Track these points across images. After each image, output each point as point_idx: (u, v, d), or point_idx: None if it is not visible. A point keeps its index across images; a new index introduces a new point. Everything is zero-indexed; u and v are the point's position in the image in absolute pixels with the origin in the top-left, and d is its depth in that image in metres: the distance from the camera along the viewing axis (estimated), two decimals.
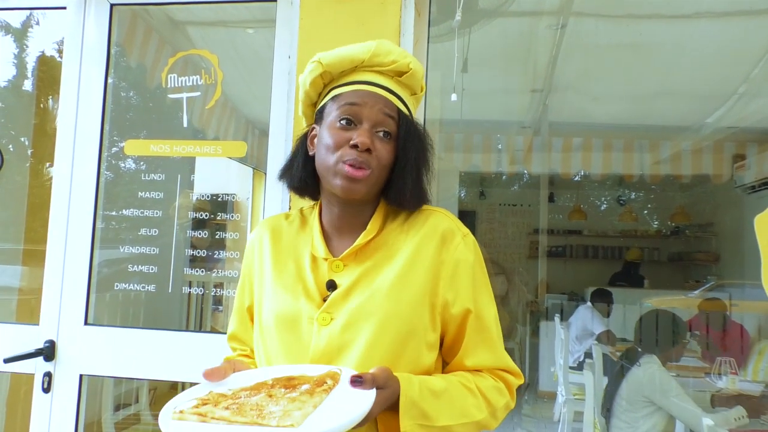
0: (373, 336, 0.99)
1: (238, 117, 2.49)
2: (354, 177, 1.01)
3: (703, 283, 6.36)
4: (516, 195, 8.61)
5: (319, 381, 0.92)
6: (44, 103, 2.93)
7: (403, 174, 1.06)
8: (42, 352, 1.93)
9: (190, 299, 2.30)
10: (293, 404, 0.87)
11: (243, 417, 0.85)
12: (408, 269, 1.04)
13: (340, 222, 1.11)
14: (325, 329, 1.02)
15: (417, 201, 1.09)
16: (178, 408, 0.89)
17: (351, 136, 1.02)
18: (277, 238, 1.16)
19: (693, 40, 3.44)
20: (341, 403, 0.87)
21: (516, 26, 3.36)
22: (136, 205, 2.08)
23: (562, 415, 4.31)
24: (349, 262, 1.08)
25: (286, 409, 0.86)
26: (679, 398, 2.78)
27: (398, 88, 1.09)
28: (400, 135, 1.06)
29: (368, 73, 1.08)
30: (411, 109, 1.12)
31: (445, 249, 1.06)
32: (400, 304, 1.02)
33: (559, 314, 5.50)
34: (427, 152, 1.11)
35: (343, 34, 1.80)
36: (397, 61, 1.08)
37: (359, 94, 1.05)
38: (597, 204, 8.67)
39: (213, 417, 0.86)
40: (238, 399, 0.90)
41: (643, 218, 8.36)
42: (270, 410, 0.86)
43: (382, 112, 1.04)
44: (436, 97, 3.63)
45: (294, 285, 1.08)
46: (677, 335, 3.17)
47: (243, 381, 0.97)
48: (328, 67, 1.09)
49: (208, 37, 2.51)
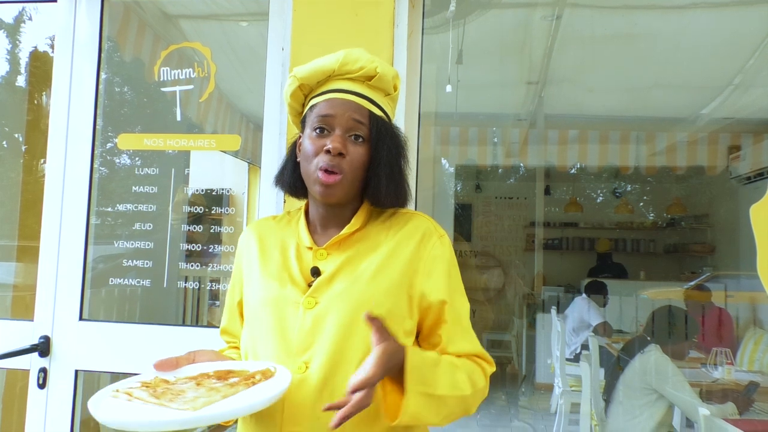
0: (352, 318, 1.06)
1: (233, 111, 2.48)
2: (327, 183, 1.10)
3: (698, 275, 6.37)
4: (512, 188, 8.59)
5: (249, 376, 1.01)
6: (38, 98, 2.91)
7: (377, 172, 1.14)
8: (37, 348, 1.93)
9: (186, 294, 2.29)
10: (209, 393, 0.95)
11: (156, 399, 0.93)
12: (389, 261, 1.12)
13: (325, 219, 1.19)
14: (310, 312, 1.09)
15: (394, 197, 1.16)
16: (115, 388, 0.99)
17: (325, 142, 1.11)
18: (264, 236, 1.24)
19: (688, 31, 3.44)
20: (244, 397, 0.96)
21: (511, 17, 3.34)
22: (131, 200, 2.07)
23: (559, 406, 4.33)
24: (332, 251, 1.15)
25: (198, 395, 0.94)
26: (678, 386, 2.79)
27: (369, 92, 1.16)
28: (372, 136, 1.14)
29: (340, 81, 1.16)
30: (386, 108, 1.19)
31: (423, 246, 1.15)
32: (380, 290, 1.09)
33: (555, 306, 5.51)
34: (400, 150, 1.19)
35: (336, 26, 1.79)
36: (364, 67, 1.15)
37: (330, 103, 1.13)
38: (593, 196, 8.67)
39: (136, 397, 0.95)
40: (174, 385, 0.99)
41: (639, 210, 8.36)
42: (186, 396, 0.94)
43: (353, 118, 1.12)
44: (431, 89, 3.63)
45: (280, 273, 1.16)
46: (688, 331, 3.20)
47: (191, 371, 1.08)
48: (303, 80, 1.17)
49: (201, 31, 2.50)
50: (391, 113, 1.22)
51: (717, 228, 7.08)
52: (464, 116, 5.05)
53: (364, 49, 1.19)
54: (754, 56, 3.60)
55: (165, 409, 0.90)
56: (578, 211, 7.94)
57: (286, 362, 1.07)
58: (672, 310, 3.28)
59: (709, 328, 4.24)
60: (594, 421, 3.40)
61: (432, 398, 1.02)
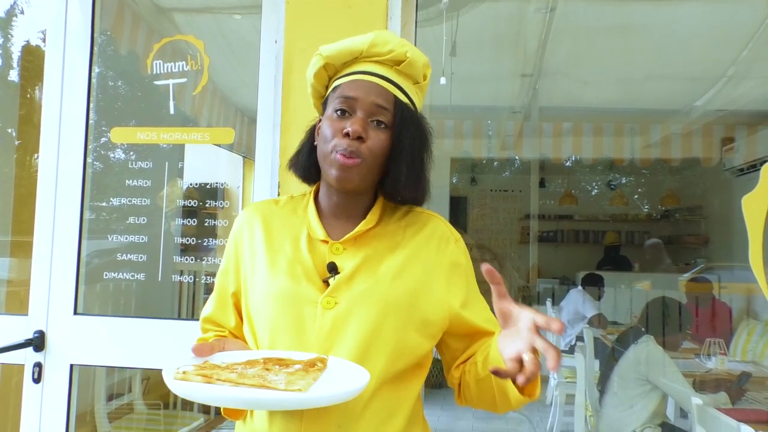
0: (377, 320, 1.02)
1: (227, 104, 2.47)
2: (345, 165, 1.03)
3: (692, 266, 6.41)
4: (507, 181, 8.61)
5: (311, 363, 0.94)
6: (30, 93, 2.89)
7: (398, 162, 1.07)
8: (31, 343, 1.92)
9: (181, 288, 2.28)
10: (293, 377, 0.88)
11: (249, 380, 0.86)
12: (410, 263, 1.07)
13: (337, 209, 1.12)
14: (330, 312, 1.03)
15: (413, 190, 1.10)
16: (182, 369, 0.89)
17: (345, 125, 1.04)
18: (269, 221, 1.15)
19: (682, 22, 3.44)
20: (337, 379, 0.90)
21: (505, 9, 3.34)
22: (125, 194, 2.06)
23: (554, 398, 4.36)
24: (348, 246, 1.09)
25: (288, 379, 0.87)
26: (671, 376, 2.82)
27: (397, 77, 1.10)
28: (395, 123, 1.07)
29: (367, 63, 1.10)
30: (414, 97, 1.12)
31: (442, 252, 1.11)
32: (404, 292, 1.05)
33: (550, 299, 5.54)
34: (424, 141, 1.12)
35: (329, 18, 1.79)
36: (394, 50, 1.09)
37: (355, 85, 1.07)
38: (588, 189, 8.69)
39: (219, 379, 0.87)
40: (236, 370, 0.91)
41: (634, 202, 8.40)
42: (272, 378, 0.87)
43: (376, 103, 1.06)
44: None
45: (292, 266, 1.08)
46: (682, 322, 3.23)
47: (233, 358, 0.99)
48: (329, 59, 1.11)
49: (195, 23, 2.49)
50: (419, 103, 1.15)
51: (711, 219, 7.11)
52: (459, 109, 5.05)
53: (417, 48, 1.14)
54: (747, 48, 3.61)
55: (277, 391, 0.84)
56: (573, 203, 7.97)
57: None
58: (666, 301, 3.30)
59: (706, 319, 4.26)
60: (589, 411, 3.43)
61: None
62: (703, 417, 2.30)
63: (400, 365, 1.03)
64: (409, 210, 1.16)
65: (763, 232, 1.71)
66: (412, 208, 1.17)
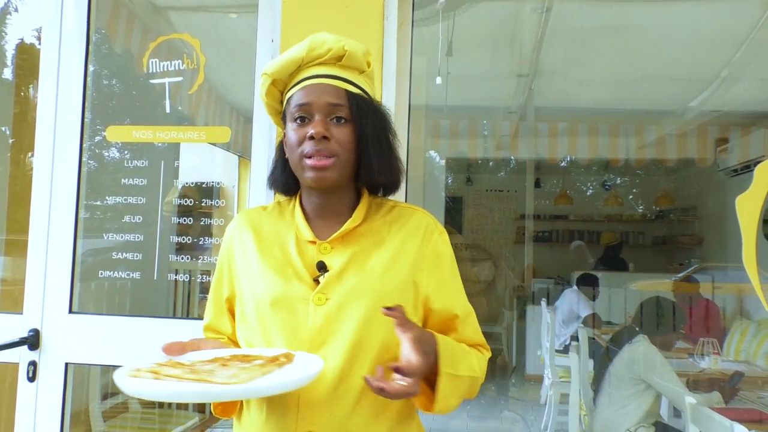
0: (368, 314, 1.06)
1: (223, 103, 2.47)
2: (319, 166, 1.07)
3: (686, 266, 6.43)
4: (502, 181, 8.62)
5: (273, 358, 0.98)
6: (24, 91, 2.88)
7: (367, 150, 1.12)
8: (26, 341, 1.92)
9: (176, 286, 2.28)
10: (243, 371, 0.92)
11: (195, 375, 0.90)
12: (396, 257, 1.12)
13: (321, 210, 1.17)
14: (321, 308, 1.07)
15: (388, 171, 1.15)
16: (135, 367, 0.95)
17: (308, 130, 1.08)
18: (258, 227, 1.20)
19: (677, 23, 3.46)
20: (287, 373, 0.94)
21: (500, 9, 3.35)
22: (121, 192, 2.06)
23: (548, 397, 4.36)
24: (336, 245, 1.13)
25: (235, 373, 0.91)
26: (665, 375, 2.83)
27: (343, 72, 1.14)
28: (353, 115, 1.11)
29: (311, 68, 1.13)
30: (363, 86, 1.16)
31: (426, 244, 1.15)
32: (392, 285, 1.10)
33: (545, 298, 5.55)
34: (385, 124, 1.17)
35: (326, 18, 1.79)
36: (332, 48, 1.12)
37: (305, 91, 1.11)
38: (583, 189, 8.71)
39: (166, 375, 0.92)
40: (192, 367, 0.96)
41: (628, 203, 8.42)
42: (220, 373, 0.91)
43: (330, 102, 1.10)
44: (421, 81, 3.62)
45: (283, 269, 1.12)
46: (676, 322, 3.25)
47: (201, 357, 1.04)
48: (274, 75, 1.15)
49: (191, 22, 2.48)
50: (370, 90, 1.19)
51: (705, 220, 7.14)
52: (454, 109, 5.06)
53: (353, 40, 1.17)
54: (741, 49, 3.62)
55: (208, 384, 0.88)
56: (568, 203, 7.99)
57: None
58: (660, 301, 3.32)
59: (696, 319, 4.28)
60: (583, 411, 3.44)
61: (456, 379, 1.06)
62: (697, 416, 2.31)
63: (393, 357, 1.05)
64: (394, 206, 1.20)
65: (757, 232, 1.72)
66: (396, 203, 1.21)
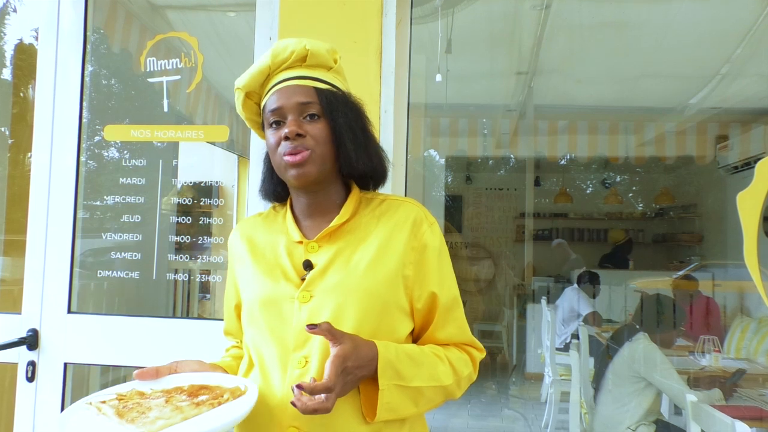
0: (351, 310, 1.07)
1: (221, 102, 2.46)
2: (296, 162, 1.09)
3: (687, 264, 6.42)
4: (502, 179, 8.61)
5: (218, 395, 1.01)
6: (23, 91, 2.87)
7: (343, 140, 1.13)
8: (25, 341, 1.92)
9: (176, 286, 2.28)
10: (172, 413, 0.95)
11: (120, 418, 0.94)
12: (382, 251, 1.12)
13: (309, 209, 1.19)
14: (306, 306, 1.09)
15: (368, 159, 1.16)
16: (89, 400, 1.00)
17: (283, 131, 1.11)
18: (252, 235, 1.24)
19: (676, 20, 3.45)
20: (201, 421, 0.94)
21: (500, 7, 3.34)
22: (119, 192, 2.05)
23: (549, 395, 4.36)
24: (323, 243, 1.15)
25: (160, 416, 0.94)
26: (666, 373, 2.83)
27: (309, 71, 1.16)
28: (325, 110, 1.13)
29: (279, 73, 1.16)
30: (333, 82, 1.18)
31: (414, 235, 1.15)
32: (376, 281, 1.10)
33: (545, 297, 5.54)
34: (358, 113, 1.18)
35: (324, 16, 1.78)
36: (295, 50, 1.14)
37: (276, 96, 1.14)
38: (583, 187, 8.70)
39: (103, 412, 0.97)
40: (145, 400, 1.00)
41: (628, 201, 8.41)
42: (148, 417, 0.94)
43: (299, 101, 1.12)
44: (421, 79, 3.62)
45: (273, 270, 1.15)
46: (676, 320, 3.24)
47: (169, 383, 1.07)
48: (246, 88, 1.19)
49: (188, 21, 2.48)
50: (341, 84, 1.20)
51: (705, 217, 7.13)
52: (454, 107, 5.05)
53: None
54: (740, 46, 3.61)
55: (123, 429, 0.91)
56: (568, 201, 7.97)
57: (286, 358, 1.07)
58: (660, 298, 3.31)
59: (696, 317, 4.28)
60: (583, 409, 3.43)
61: (407, 390, 1.05)
62: (698, 414, 2.30)
63: None
64: (384, 200, 1.21)
65: (758, 228, 1.72)
66: (387, 197, 1.22)
